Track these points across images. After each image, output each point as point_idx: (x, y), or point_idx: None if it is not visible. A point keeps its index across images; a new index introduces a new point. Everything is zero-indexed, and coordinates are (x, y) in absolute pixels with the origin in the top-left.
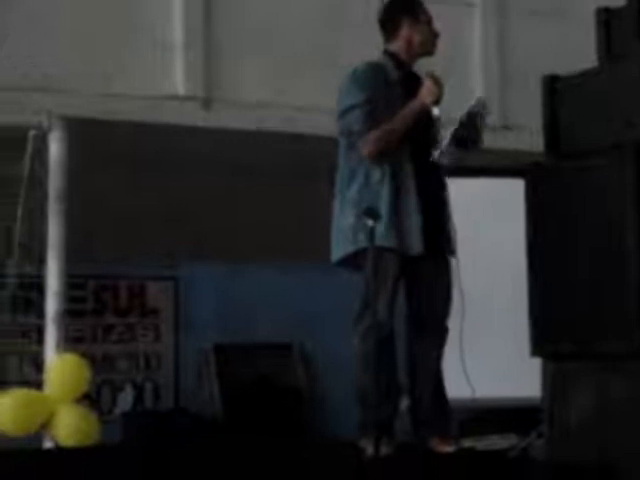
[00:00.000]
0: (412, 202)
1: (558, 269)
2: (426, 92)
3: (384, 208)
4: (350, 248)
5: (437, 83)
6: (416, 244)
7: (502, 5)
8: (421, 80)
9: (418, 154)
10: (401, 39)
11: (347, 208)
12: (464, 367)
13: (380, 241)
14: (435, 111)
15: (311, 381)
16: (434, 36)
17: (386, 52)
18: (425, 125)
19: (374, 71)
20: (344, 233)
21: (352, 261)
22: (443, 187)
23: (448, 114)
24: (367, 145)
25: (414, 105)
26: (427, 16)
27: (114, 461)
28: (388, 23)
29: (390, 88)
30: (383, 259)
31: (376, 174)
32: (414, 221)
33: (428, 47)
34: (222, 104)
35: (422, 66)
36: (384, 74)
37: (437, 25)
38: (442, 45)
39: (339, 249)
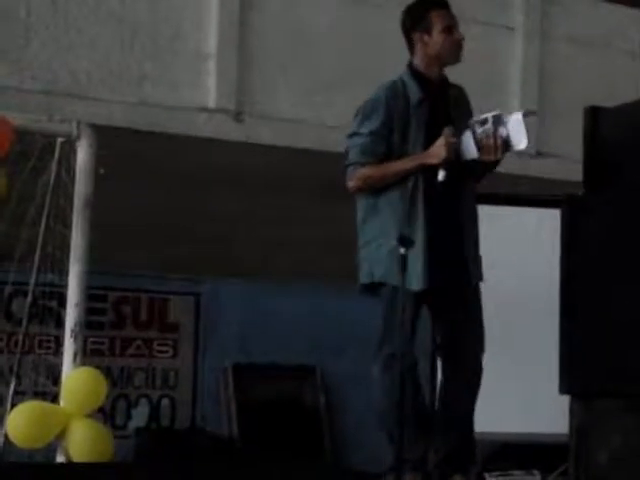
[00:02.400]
0: (419, 235)
1: (591, 306)
2: (432, 153)
3: (392, 241)
4: (366, 279)
5: (447, 145)
6: (417, 279)
7: (543, 30)
8: (451, 90)
9: (434, 184)
10: (417, 54)
11: (360, 237)
12: None
13: (384, 278)
14: (440, 175)
15: (330, 405)
16: (455, 44)
17: (410, 66)
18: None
19: (391, 95)
20: (361, 263)
21: (371, 291)
22: (464, 214)
23: None
24: (353, 179)
25: (413, 162)
26: (445, 22)
27: (126, 478)
28: (405, 38)
29: (412, 109)
30: (394, 295)
31: (381, 204)
32: (417, 256)
33: (447, 58)
34: (253, 118)
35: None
36: (404, 95)
37: (474, 46)
38: (481, 68)
39: (361, 277)
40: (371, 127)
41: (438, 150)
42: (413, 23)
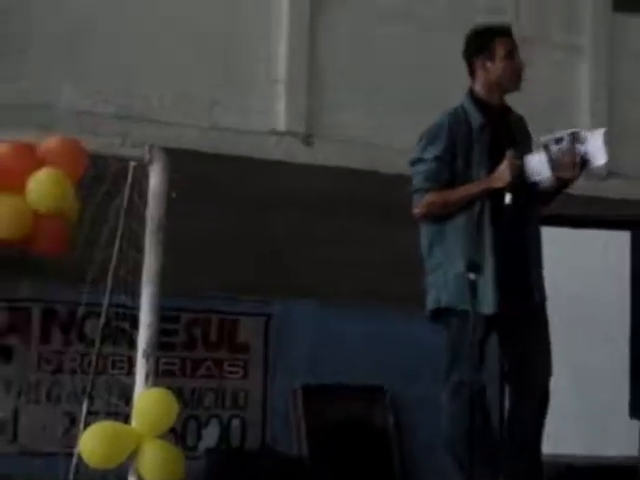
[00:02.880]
0: (487, 260)
1: None
2: (497, 176)
3: (458, 266)
4: (433, 305)
5: (512, 168)
6: (487, 304)
7: (612, 50)
8: (512, 115)
9: (499, 208)
10: (479, 80)
11: (427, 263)
12: None
13: (450, 303)
14: (507, 198)
15: (399, 426)
16: (516, 70)
17: (470, 93)
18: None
19: (454, 120)
20: (428, 289)
21: (438, 317)
22: (530, 238)
23: None
24: (419, 206)
25: (478, 187)
26: (507, 48)
27: None
28: (467, 63)
29: (475, 134)
30: (462, 320)
31: (447, 230)
32: (487, 281)
33: (507, 84)
34: (323, 141)
35: (529, 108)
36: (466, 121)
37: (544, 69)
38: (551, 89)
39: (428, 303)
40: (435, 153)
41: (503, 173)
42: (477, 49)
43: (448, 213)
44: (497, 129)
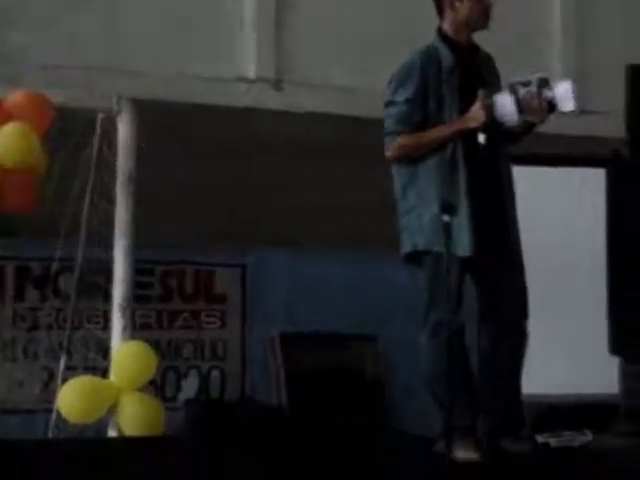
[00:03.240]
0: (462, 201)
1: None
2: (471, 117)
3: (433, 208)
4: (409, 248)
5: (485, 108)
6: (463, 246)
7: None
8: (480, 54)
9: (472, 149)
10: (447, 19)
11: (400, 205)
12: None
13: (428, 246)
14: (481, 138)
15: (380, 373)
16: (484, 9)
17: (439, 31)
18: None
19: (426, 61)
20: (402, 232)
21: (414, 259)
22: (503, 177)
23: None
24: (392, 149)
25: (451, 128)
26: None
27: (177, 451)
28: (434, 2)
29: (444, 74)
30: (438, 262)
31: (420, 172)
32: (462, 222)
33: (475, 24)
34: (293, 86)
35: (499, 45)
36: (437, 61)
37: (512, 5)
38: (520, 26)
39: (403, 246)
40: (406, 95)
41: (477, 114)
42: None
43: (420, 155)
44: (466, 69)
